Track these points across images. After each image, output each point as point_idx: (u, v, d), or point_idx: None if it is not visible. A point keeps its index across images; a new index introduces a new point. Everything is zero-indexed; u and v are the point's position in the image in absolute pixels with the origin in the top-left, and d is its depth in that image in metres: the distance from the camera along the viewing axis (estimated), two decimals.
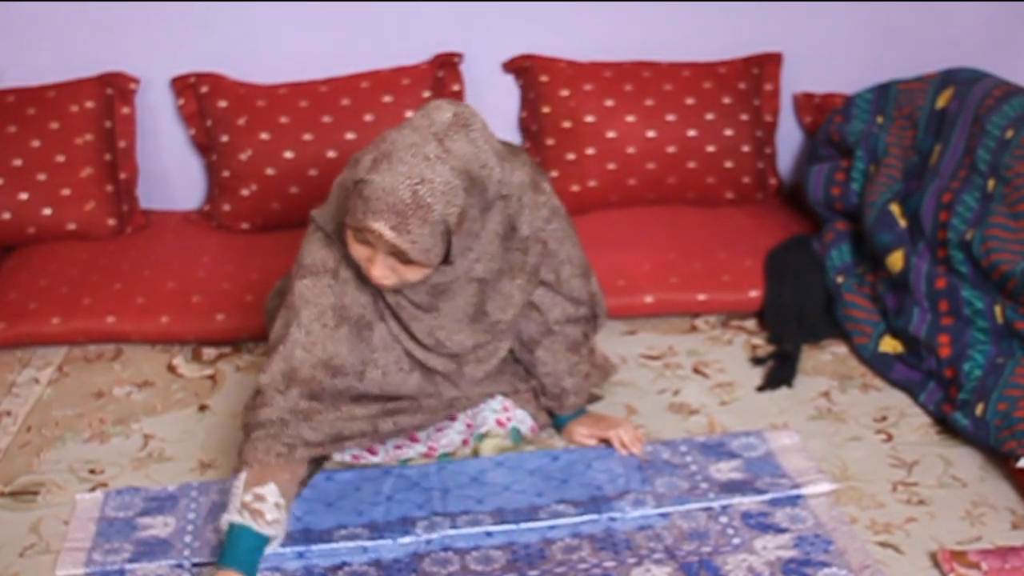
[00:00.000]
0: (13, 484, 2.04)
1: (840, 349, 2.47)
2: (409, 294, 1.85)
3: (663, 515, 1.90)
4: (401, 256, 1.69)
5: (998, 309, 2.24)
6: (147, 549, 1.85)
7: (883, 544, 1.85)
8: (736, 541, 1.84)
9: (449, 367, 1.94)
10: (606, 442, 2.09)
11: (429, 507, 1.92)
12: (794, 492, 1.95)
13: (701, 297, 2.57)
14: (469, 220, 1.70)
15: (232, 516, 1.75)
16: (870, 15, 2.93)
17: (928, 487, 2.00)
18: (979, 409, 2.09)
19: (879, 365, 2.37)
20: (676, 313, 2.59)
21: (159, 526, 1.90)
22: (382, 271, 1.72)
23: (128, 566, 1.82)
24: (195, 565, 1.82)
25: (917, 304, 2.37)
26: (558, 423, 2.14)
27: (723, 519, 1.89)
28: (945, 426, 2.17)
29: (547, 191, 1.95)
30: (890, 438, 2.15)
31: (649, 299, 2.56)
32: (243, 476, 1.78)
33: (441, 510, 1.92)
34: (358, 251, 1.73)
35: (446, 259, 1.74)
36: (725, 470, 2.02)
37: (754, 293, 2.58)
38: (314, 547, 1.84)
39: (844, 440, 2.14)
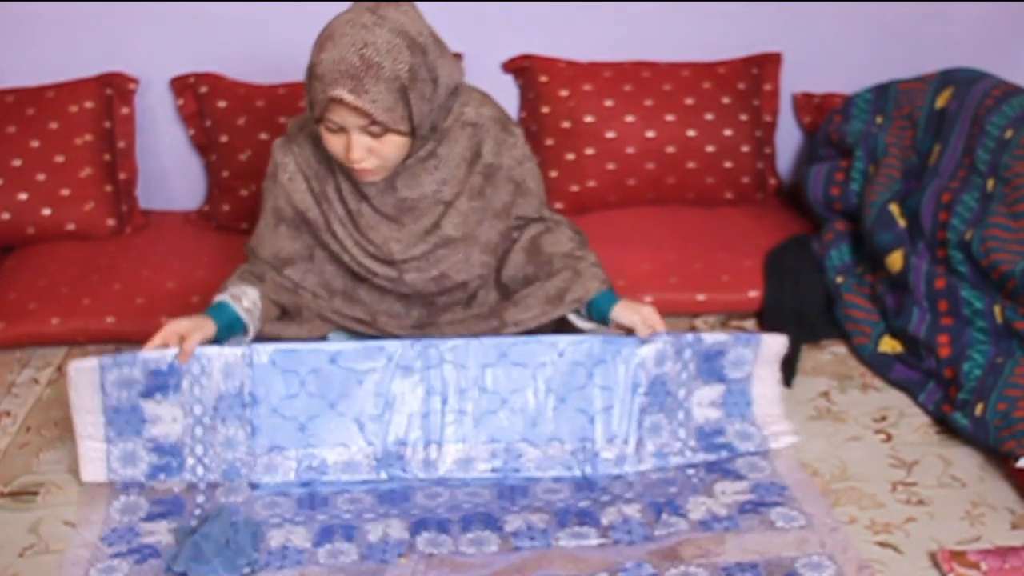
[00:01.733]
0: (12, 484, 2.04)
1: (839, 349, 2.47)
2: (376, 203, 1.93)
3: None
4: (371, 127, 1.77)
5: (997, 309, 2.24)
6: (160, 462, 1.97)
7: (882, 544, 1.85)
8: (696, 482, 2.00)
9: (389, 273, 1.99)
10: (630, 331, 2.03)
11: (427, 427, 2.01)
12: (762, 448, 2.05)
13: (700, 297, 2.57)
14: (420, 81, 1.78)
15: (218, 297, 1.94)
16: (869, 15, 2.93)
17: (928, 487, 2.00)
18: (978, 409, 2.09)
19: (878, 365, 2.37)
20: (676, 313, 2.58)
21: (167, 421, 1.95)
22: (361, 153, 1.80)
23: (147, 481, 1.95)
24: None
25: (916, 304, 2.37)
26: (599, 316, 2.03)
27: (690, 471, 2.02)
28: (944, 426, 2.17)
29: (517, 134, 2.01)
30: (889, 438, 2.15)
31: (648, 299, 2.55)
32: (227, 283, 1.98)
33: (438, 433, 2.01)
34: (333, 143, 1.82)
35: (414, 134, 1.82)
36: (705, 403, 2.06)
37: (753, 293, 2.58)
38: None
39: (843, 440, 2.14)
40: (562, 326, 2.05)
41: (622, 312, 1.98)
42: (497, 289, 2.10)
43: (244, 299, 1.95)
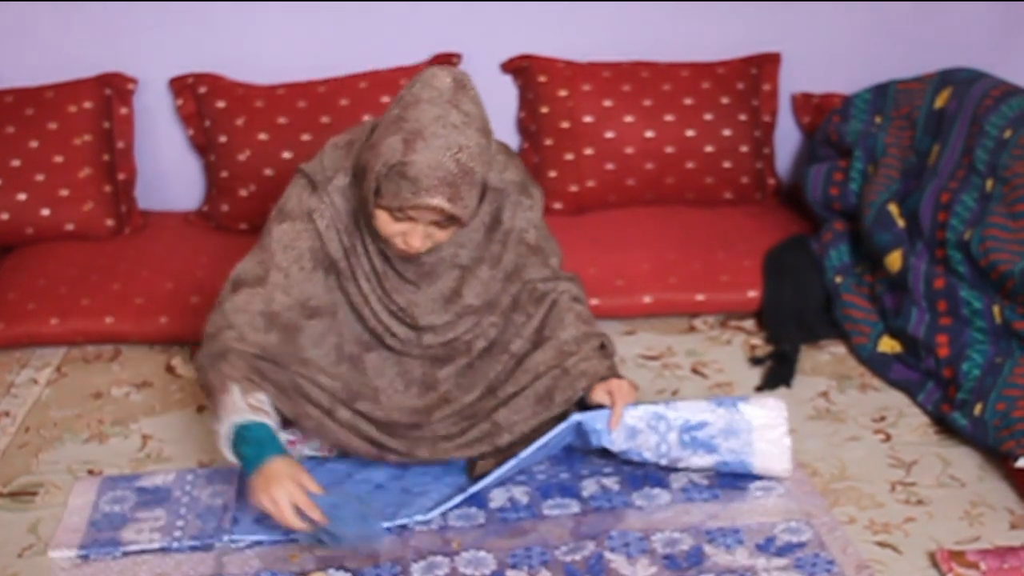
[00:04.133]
0: (11, 485, 2.04)
1: (839, 349, 2.47)
2: (399, 266, 1.90)
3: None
4: (443, 222, 1.76)
5: (996, 309, 2.24)
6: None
7: (882, 544, 1.85)
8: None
9: (409, 335, 1.96)
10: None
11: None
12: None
13: (700, 297, 2.57)
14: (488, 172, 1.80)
15: (244, 416, 1.76)
16: (869, 15, 2.93)
17: (927, 487, 2.00)
18: (977, 409, 2.09)
19: (878, 365, 2.37)
20: (675, 313, 2.59)
21: (150, 520, 1.93)
22: (422, 241, 1.79)
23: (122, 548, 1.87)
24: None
25: (915, 304, 2.37)
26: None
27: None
28: (944, 426, 2.17)
29: (535, 196, 1.99)
30: (888, 438, 2.15)
31: (648, 299, 2.56)
32: (235, 389, 1.78)
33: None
34: (392, 227, 1.78)
35: None
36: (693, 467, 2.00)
37: (753, 293, 2.58)
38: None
39: (843, 440, 2.14)
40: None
41: (595, 393, 1.95)
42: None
43: (266, 408, 1.81)
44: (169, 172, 2.94)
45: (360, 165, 1.82)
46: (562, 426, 1.91)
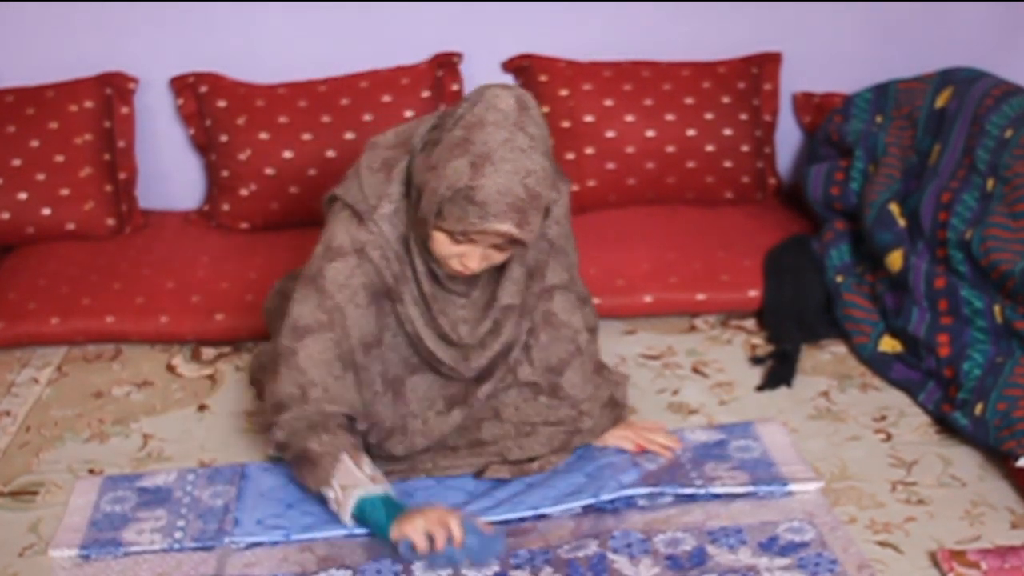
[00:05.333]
0: (12, 484, 2.04)
1: (839, 349, 2.47)
2: (447, 284, 1.87)
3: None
4: (505, 245, 1.74)
5: (997, 309, 2.24)
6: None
7: (882, 544, 1.85)
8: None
9: (457, 359, 1.94)
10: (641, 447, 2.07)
11: None
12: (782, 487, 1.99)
13: (700, 297, 2.57)
14: None
15: (367, 489, 1.77)
16: (869, 15, 2.93)
17: (927, 487, 2.00)
18: (978, 409, 2.09)
19: (878, 365, 2.37)
20: (675, 313, 2.59)
21: (151, 520, 1.93)
22: (479, 263, 1.77)
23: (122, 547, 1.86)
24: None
25: (916, 304, 2.37)
26: None
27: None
28: (944, 426, 2.17)
29: (563, 191, 1.97)
30: (889, 438, 2.15)
31: (648, 299, 2.56)
32: (346, 459, 1.79)
33: None
34: (450, 249, 1.75)
35: None
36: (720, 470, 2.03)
37: (753, 293, 2.58)
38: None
39: (843, 440, 2.14)
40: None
41: (610, 438, 2.06)
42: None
43: (386, 482, 1.83)
44: (170, 171, 2.94)
45: (416, 186, 1.78)
46: (589, 501, 1.93)
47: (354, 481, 1.78)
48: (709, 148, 2.85)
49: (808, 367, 2.39)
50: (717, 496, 1.95)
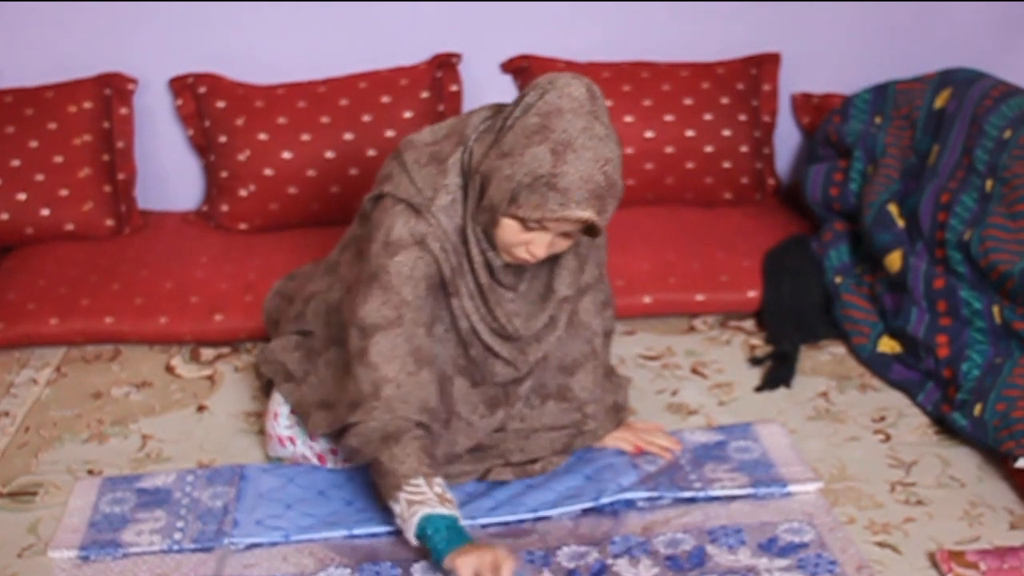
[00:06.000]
0: (11, 485, 2.04)
1: (838, 349, 2.47)
2: (500, 276, 1.86)
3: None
4: (575, 232, 1.74)
5: (996, 309, 2.24)
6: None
7: (881, 544, 1.85)
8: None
9: (513, 353, 1.93)
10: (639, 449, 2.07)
11: None
12: (782, 488, 1.99)
13: (699, 297, 2.57)
14: None
15: (434, 508, 1.73)
16: (869, 15, 2.93)
17: (926, 487, 2.00)
18: (977, 409, 2.09)
19: (877, 365, 2.37)
20: (674, 313, 2.59)
21: (150, 521, 1.93)
22: (545, 251, 1.76)
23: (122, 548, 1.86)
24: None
25: (915, 304, 2.37)
26: None
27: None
28: (943, 426, 2.17)
29: None
30: (888, 438, 2.15)
31: (647, 299, 2.56)
32: (420, 481, 1.75)
33: None
34: (520, 236, 1.74)
35: None
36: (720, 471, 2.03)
37: (752, 293, 2.58)
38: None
39: (842, 440, 2.14)
40: None
41: (609, 440, 2.06)
42: None
43: (454, 503, 1.78)
44: (169, 172, 2.94)
45: (480, 174, 1.75)
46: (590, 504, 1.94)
47: (422, 499, 1.74)
48: (708, 149, 2.85)
49: (807, 368, 2.39)
50: (717, 497, 1.95)
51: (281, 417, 2.03)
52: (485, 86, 2.90)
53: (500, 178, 1.70)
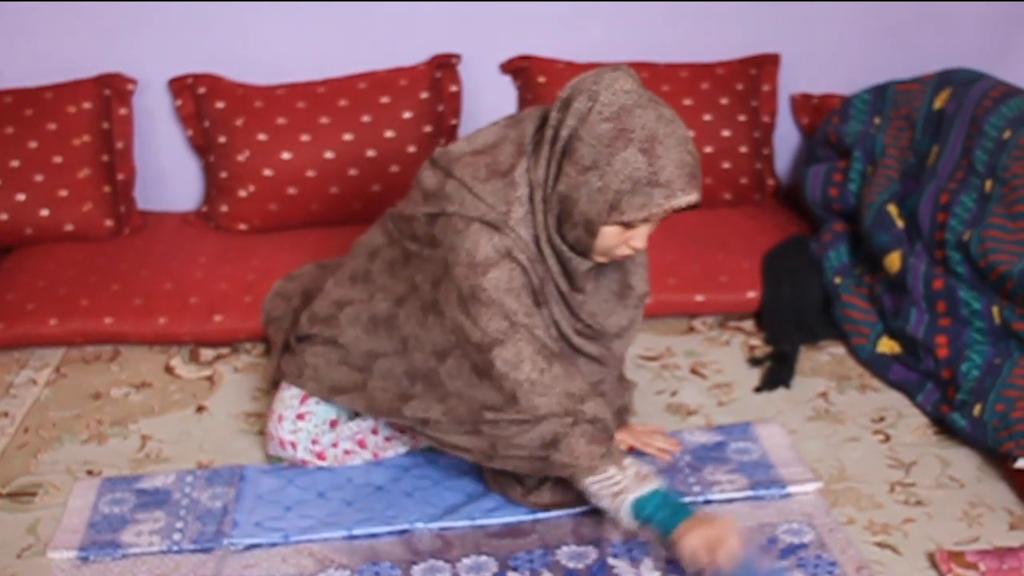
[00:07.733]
0: (11, 485, 2.04)
1: (838, 350, 2.47)
2: (579, 281, 1.86)
3: None
4: (667, 215, 1.74)
5: (995, 310, 2.24)
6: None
7: (881, 545, 1.85)
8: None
9: (601, 351, 1.94)
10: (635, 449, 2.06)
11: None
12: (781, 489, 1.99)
13: (699, 298, 2.57)
14: None
15: (640, 490, 1.73)
16: (868, 16, 2.93)
17: (926, 488, 2.00)
18: (977, 410, 2.09)
19: (877, 366, 2.37)
20: (674, 314, 2.59)
21: (150, 521, 1.93)
22: (645, 240, 1.78)
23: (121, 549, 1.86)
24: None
25: (915, 305, 2.37)
26: None
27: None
28: (943, 427, 2.17)
29: None
30: (888, 439, 2.15)
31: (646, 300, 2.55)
32: (612, 471, 1.76)
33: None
34: (620, 237, 1.75)
35: None
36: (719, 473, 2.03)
37: (752, 294, 2.58)
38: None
39: (842, 441, 2.14)
40: None
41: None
42: None
43: (653, 477, 1.78)
44: (168, 172, 2.94)
45: (563, 194, 1.73)
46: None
47: (618, 488, 1.74)
48: (708, 149, 2.85)
49: (807, 368, 2.39)
50: (716, 500, 1.95)
51: (286, 421, 2.02)
52: (484, 87, 2.91)
53: (590, 192, 1.69)
